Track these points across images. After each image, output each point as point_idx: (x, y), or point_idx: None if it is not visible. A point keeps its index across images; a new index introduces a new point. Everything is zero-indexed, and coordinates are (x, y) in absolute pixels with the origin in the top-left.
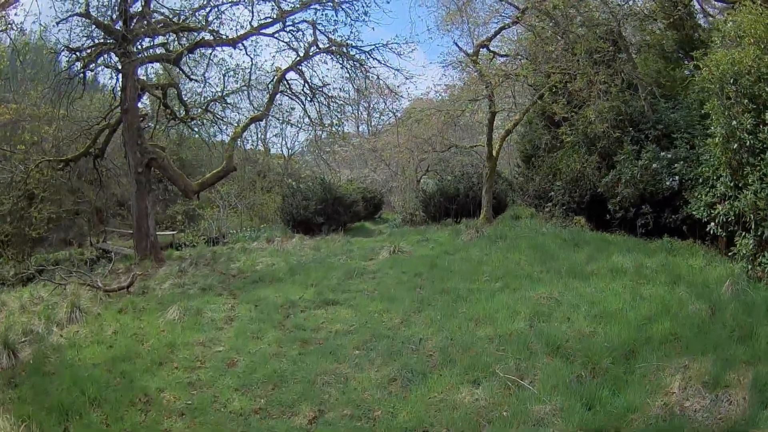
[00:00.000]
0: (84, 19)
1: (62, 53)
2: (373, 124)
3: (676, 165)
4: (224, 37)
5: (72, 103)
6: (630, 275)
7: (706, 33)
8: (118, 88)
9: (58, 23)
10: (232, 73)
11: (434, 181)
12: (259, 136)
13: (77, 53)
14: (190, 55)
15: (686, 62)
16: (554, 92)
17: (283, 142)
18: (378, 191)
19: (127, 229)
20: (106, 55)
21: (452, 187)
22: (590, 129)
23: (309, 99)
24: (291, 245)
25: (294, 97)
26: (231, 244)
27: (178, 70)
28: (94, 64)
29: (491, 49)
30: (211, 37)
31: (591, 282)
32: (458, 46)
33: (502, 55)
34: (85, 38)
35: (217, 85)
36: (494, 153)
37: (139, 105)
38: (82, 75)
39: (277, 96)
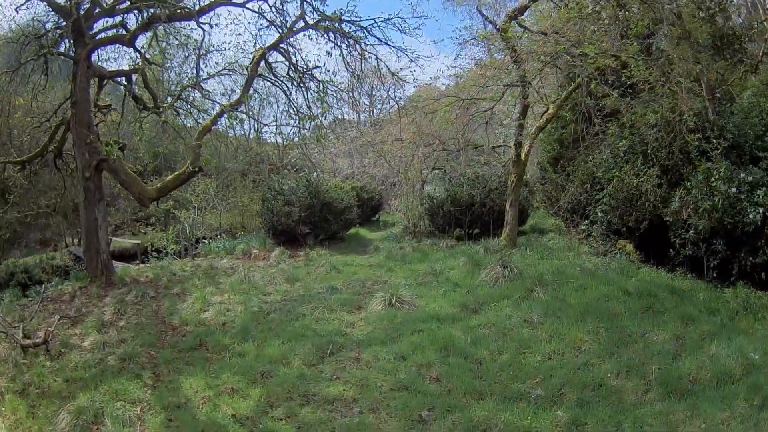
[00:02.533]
0: (43, 2)
1: (28, 43)
2: (374, 113)
3: (758, 191)
4: (183, 9)
5: (35, 96)
6: (742, 389)
7: (742, 29)
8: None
9: (17, 9)
10: (196, 52)
11: (443, 185)
12: (252, 125)
13: (40, 40)
14: (146, 33)
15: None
16: (604, 82)
17: (278, 130)
18: (376, 190)
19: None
20: (68, 41)
21: (465, 194)
22: (653, 134)
23: (296, 84)
24: (263, 269)
25: (277, 82)
26: (202, 256)
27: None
28: (55, 52)
29: (523, 24)
30: (166, 11)
31: (701, 411)
32: (482, 14)
33: (537, 32)
34: (49, 24)
35: (191, 71)
36: (523, 156)
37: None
38: (44, 65)
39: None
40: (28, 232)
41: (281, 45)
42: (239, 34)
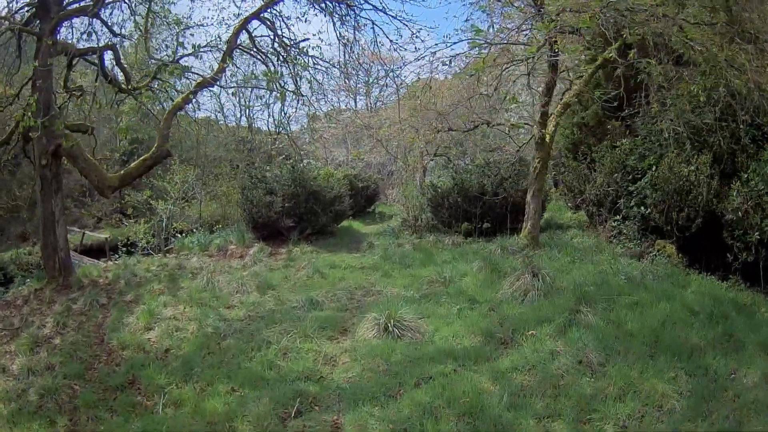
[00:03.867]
0: None
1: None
2: (372, 100)
3: None
4: None
5: (11, 81)
6: None
7: None
8: None
9: None
10: (174, 27)
11: (449, 173)
12: (242, 110)
13: (10, 20)
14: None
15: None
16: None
17: (270, 116)
18: (372, 178)
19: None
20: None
21: (475, 183)
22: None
23: (282, 59)
24: (234, 271)
25: (258, 54)
26: (175, 252)
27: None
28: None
29: None
30: None
31: None
32: None
33: None
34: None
35: (168, 48)
36: (548, 137)
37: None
38: (17, 45)
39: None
40: (9, 226)
41: (264, 14)
42: (223, 8)
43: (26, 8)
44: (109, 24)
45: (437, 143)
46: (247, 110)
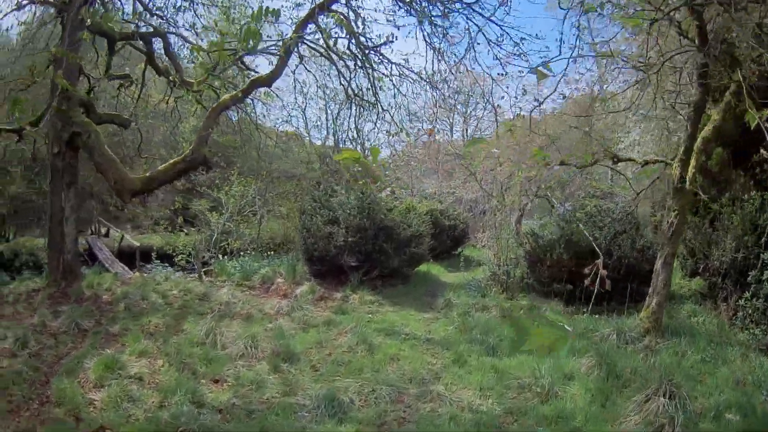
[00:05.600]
0: None
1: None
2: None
3: None
4: None
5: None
6: None
7: None
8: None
9: None
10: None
11: (553, 219)
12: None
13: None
14: None
15: None
16: None
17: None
18: (461, 216)
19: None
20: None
21: (583, 236)
22: None
23: (359, 64)
24: (261, 319)
25: (330, 56)
26: (213, 275)
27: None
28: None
29: None
30: None
31: None
32: None
33: None
34: None
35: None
36: (689, 181)
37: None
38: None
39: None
40: (34, 214)
41: (338, 6)
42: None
43: None
44: (153, 8)
45: (539, 181)
46: (334, 125)
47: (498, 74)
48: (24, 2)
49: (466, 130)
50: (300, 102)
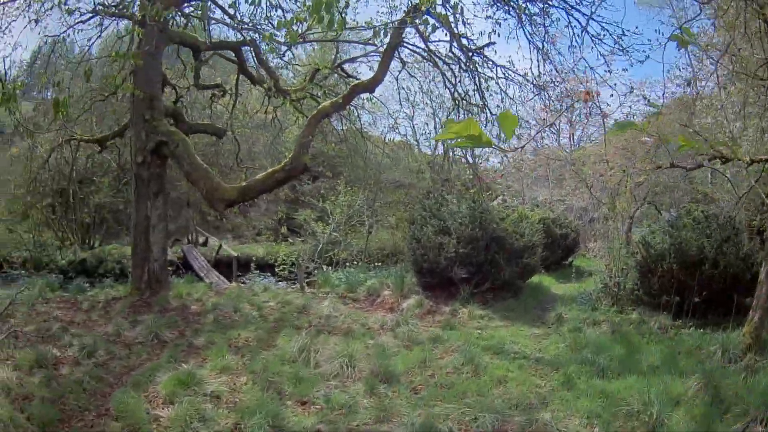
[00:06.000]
0: None
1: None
2: (575, 138)
3: None
4: None
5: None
6: None
7: None
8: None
9: None
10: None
11: (659, 226)
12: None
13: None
14: None
15: None
16: None
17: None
18: (572, 225)
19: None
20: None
21: (694, 245)
22: None
23: (462, 67)
24: (363, 335)
25: (432, 59)
26: (315, 286)
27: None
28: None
29: None
30: None
31: None
32: None
33: None
34: None
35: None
36: None
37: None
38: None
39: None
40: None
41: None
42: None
43: None
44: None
45: (648, 186)
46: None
47: (605, 71)
48: (93, 14)
49: (573, 135)
50: (406, 110)
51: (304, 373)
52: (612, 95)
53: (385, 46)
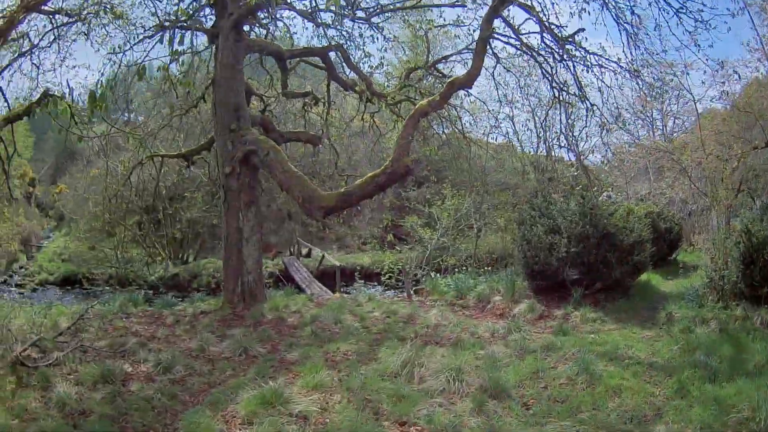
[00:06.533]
0: None
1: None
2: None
3: None
4: None
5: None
6: None
7: None
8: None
9: None
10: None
11: (756, 214)
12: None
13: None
14: None
15: None
16: None
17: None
18: (675, 218)
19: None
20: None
21: None
22: None
23: (556, 57)
24: (471, 343)
25: (526, 50)
26: (424, 294)
27: None
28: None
29: None
30: None
31: None
32: None
33: None
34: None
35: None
36: None
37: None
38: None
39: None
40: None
41: None
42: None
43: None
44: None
45: (743, 172)
46: (544, 132)
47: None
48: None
49: (665, 126)
50: (506, 110)
51: (406, 389)
52: (705, 73)
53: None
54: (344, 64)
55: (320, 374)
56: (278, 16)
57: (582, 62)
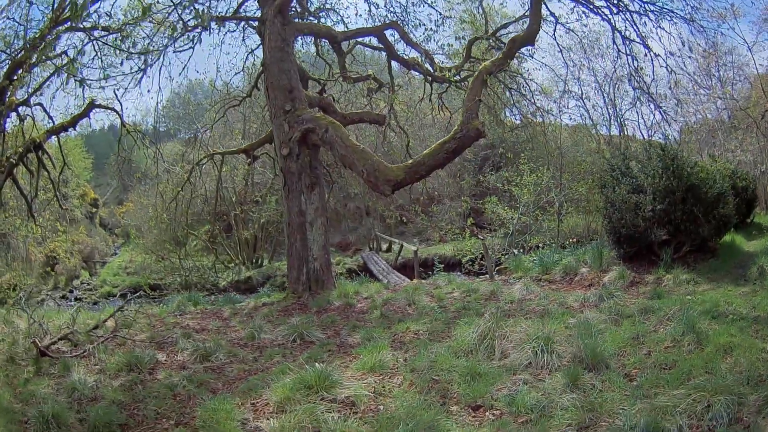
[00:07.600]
0: None
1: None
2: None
3: None
4: None
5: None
6: None
7: None
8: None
9: None
10: None
11: None
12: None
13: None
14: None
15: None
16: None
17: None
18: (750, 177)
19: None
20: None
21: None
22: None
23: (613, 10)
24: (560, 313)
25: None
26: (507, 273)
27: None
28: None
29: None
30: None
31: None
32: None
33: None
34: None
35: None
36: None
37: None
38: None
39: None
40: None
41: None
42: None
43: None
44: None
45: None
46: (615, 110)
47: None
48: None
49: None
50: (573, 87)
51: (482, 366)
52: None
53: None
54: (404, 41)
55: (381, 354)
56: (327, 4)
57: (639, 12)
